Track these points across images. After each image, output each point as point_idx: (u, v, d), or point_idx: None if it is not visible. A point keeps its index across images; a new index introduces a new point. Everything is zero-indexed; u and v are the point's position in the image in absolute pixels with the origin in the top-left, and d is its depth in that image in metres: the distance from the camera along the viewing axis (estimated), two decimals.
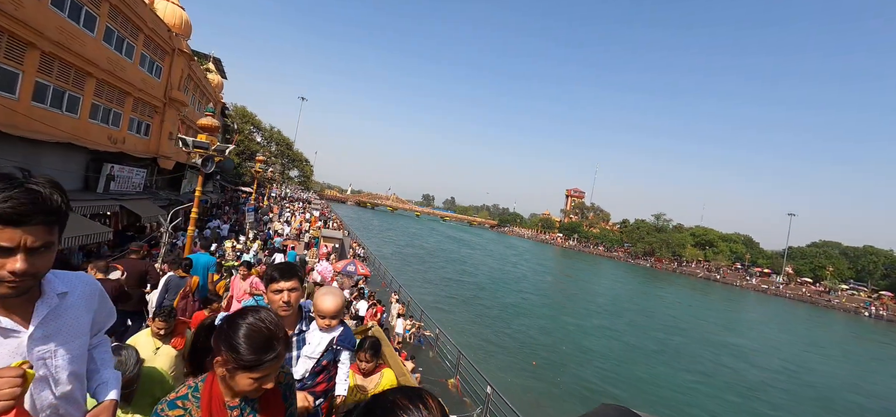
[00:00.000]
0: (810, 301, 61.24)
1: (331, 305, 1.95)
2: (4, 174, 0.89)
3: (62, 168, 11.28)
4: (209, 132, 7.85)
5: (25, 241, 0.86)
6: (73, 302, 1.08)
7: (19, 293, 0.91)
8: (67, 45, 10.22)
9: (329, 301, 1.96)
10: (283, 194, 51.01)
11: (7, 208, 0.83)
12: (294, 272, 1.88)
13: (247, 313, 1.15)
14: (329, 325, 1.96)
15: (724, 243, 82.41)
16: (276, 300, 1.82)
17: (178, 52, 16.80)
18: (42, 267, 0.93)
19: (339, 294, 2.01)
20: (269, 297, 1.86)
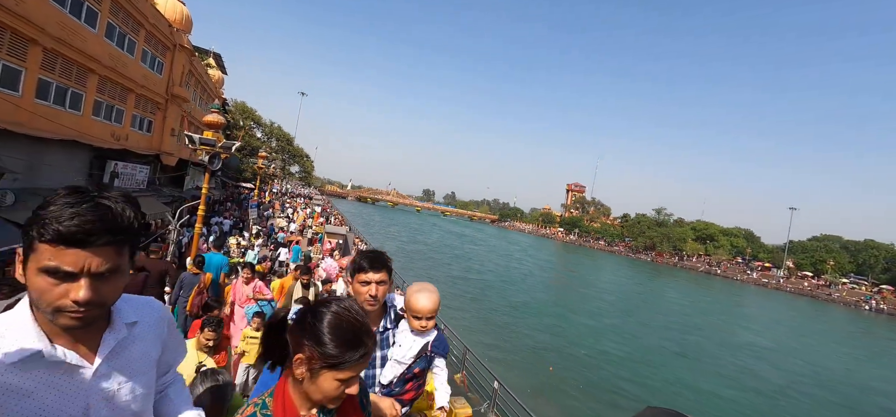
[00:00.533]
0: (811, 295, 61.35)
1: (428, 304, 1.72)
2: (74, 187, 0.80)
3: (66, 166, 11.25)
4: (215, 129, 7.80)
5: (90, 265, 0.76)
6: (142, 333, 0.97)
7: (84, 325, 0.81)
8: (69, 41, 10.15)
9: (425, 299, 1.73)
10: (284, 190, 50.99)
11: (72, 225, 0.73)
12: (383, 263, 1.69)
13: (331, 302, 1.02)
14: (424, 327, 1.74)
15: (724, 238, 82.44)
16: (363, 293, 1.65)
17: (179, 47, 16.71)
18: (109, 295, 0.82)
19: (436, 293, 1.78)
20: (355, 288, 1.70)
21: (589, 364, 14.70)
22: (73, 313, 0.77)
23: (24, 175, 9.30)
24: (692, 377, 15.24)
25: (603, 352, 16.24)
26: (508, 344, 15.30)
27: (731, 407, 13.22)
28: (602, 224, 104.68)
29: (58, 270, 0.74)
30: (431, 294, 1.76)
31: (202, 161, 7.51)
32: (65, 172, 11.21)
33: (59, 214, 0.74)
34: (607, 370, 14.41)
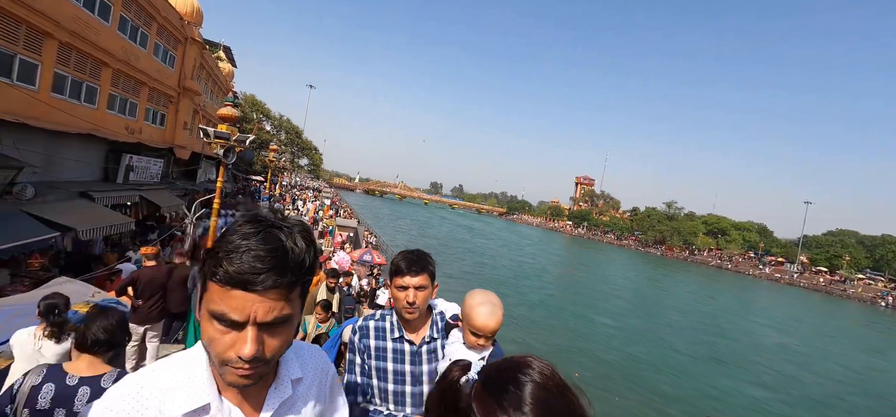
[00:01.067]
0: (825, 291, 60.23)
1: (492, 321, 1.42)
2: (253, 215, 0.71)
3: (82, 159, 11.36)
4: (229, 122, 7.75)
5: (256, 313, 0.65)
6: (305, 392, 0.87)
7: (250, 384, 0.71)
8: (83, 34, 10.17)
9: (489, 315, 1.42)
10: (294, 183, 51.30)
11: (238, 262, 0.64)
12: (424, 265, 1.51)
13: (523, 364, 0.68)
14: (483, 345, 1.43)
15: (736, 232, 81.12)
16: (400, 299, 1.50)
17: (190, 40, 16.71)
18: (278, 349, 0.72)
19: (500, 306, 1.48)
20: (393, 294, 1.55)
21: (619, 369, 13.72)
22: (239, 369, 0.68)
23: (42, 169, 9.39)
24: (734, 385, 14.23)
25: (632, 357, 15.27)
26: (529, 347, 14.63)
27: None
28: (611, 218, 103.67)
29: (224, 316, 0.65)
30: (496, 309, 1.46)
31: (216, 155, 7.47)
32: (82, 165, 11.32)
33: (231, 248, 0.65)
34: (641, 376, 13.47)
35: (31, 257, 7.67)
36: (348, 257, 11.42)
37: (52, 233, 7.97)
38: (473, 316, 1.45)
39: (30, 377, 1.61)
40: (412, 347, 1.56)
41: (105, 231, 9.61)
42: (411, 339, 1.56)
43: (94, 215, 9.71)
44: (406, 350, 1.56)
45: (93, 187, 11.09)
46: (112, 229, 9.99)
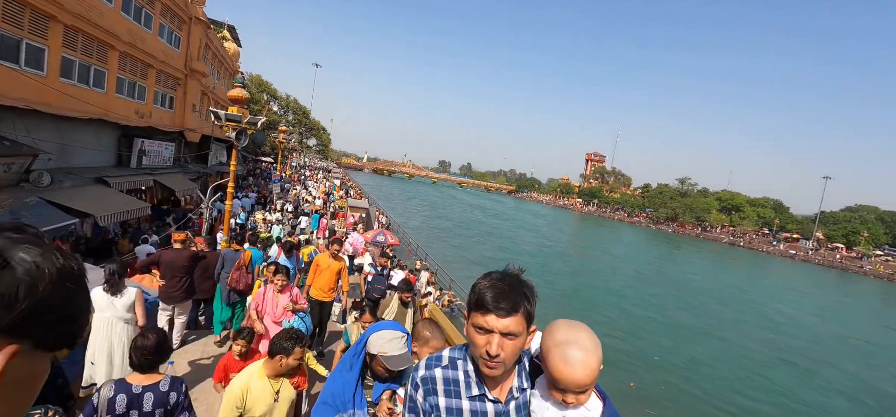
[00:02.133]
0: (840, 267, 59.15)
1: (579, 372, 1.03)
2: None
3: (95, 145, 11.36)
4: (239, 104, 7.59)
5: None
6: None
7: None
8: (87, 16, 9.96)
9: (577, 363, 1.03)
10: (302, 164, 51.39)
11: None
12: (517, 303, 1.07)
13: None
14: (571, 402, 1.07)
15: (751, 208, 79.43)
16: (480, 346, 1.09)
17: (194, 20, 16.38)
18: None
19: (595, 347, 1.07)
20: (469, 334, 1.14)
21: (682, 378, 11.96)
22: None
23: (56, 155, 9.41)
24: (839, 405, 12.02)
25: (691, 360, 13.48)
26: None
27: None
28: (622, 195, 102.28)
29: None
30: (589, 354, 1.03)
31: (228, 138, 7.35)
32: (95, 151, 11.33)
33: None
34: (712, 390, 11.42)
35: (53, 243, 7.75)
36: (362, 238, 11.39)
37: (72, 219, 8.03)
38: (556, 363, 1.04)
39: (104, 390, 2.01)
40: (497, 406, 1.15)
41: (122, 216, 9.69)
42: (495, 396, 1.16)
43: (111, 201, 9.77)
44: (489, 412, 1.15)
45: (107, 172, 11.14)
46: (129, 213, 10.07)
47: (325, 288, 5.60)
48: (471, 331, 1.13)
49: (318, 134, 57.56)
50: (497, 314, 1.07)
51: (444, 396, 1.17)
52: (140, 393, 2.02)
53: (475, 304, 1.12)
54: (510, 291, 1.09)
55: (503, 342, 1.07)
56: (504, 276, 1.14)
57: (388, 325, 1.86)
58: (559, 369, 1.04)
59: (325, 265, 5.62)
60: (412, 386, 1.21)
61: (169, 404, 2.08)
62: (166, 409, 2.07)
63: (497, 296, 1.07)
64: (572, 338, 1.06)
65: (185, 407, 2.16)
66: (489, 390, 1.16)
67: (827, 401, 12.25)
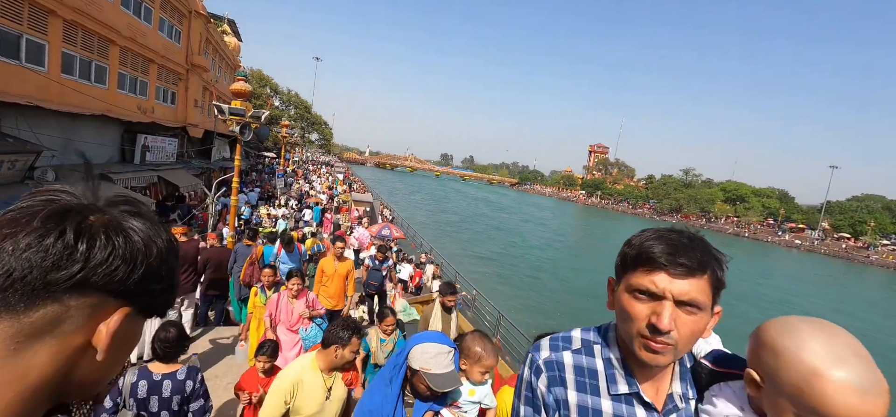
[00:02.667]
0: (846, 257, 58.72)
1: (868, 403, 0.62)
2: None
3: (98, 141, 11.29)
4: (243, 98, 7.49)
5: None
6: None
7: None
8: (86, 10, 9.86)
9: (863, 390, 0.63)
10: (305, 159, 51.34)
11: None
12: (704, 261, 0.76)
13: None
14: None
15: (756, 198, 78.81)
16: (640, 318, 0.78)
17: (194, 13, 16.23)
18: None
19: (874, 369, 0.66)
20: (622, 303, 0.82)
21: None
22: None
23: (60, 153, 9.35)
24: None
25: None
26: None
27: None
28: (625, 186, 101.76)
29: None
30: (875, 382, 0.64)
31: (233, 132, 7.26)
32: (98, 147, 11.28)
33: None
34: None
35: None
36: (367, 232, 11.32)
37: None
38: (828, 394, 0.63)
39: (127, 376, 2.17)
40: (652, 415, 0.82)
41: None
42: (650, 398, 0.83)
43: None
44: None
45: (111, 168, 11.08)
46: None
47: (335, 295, 5.13)
48: (624, 299, 0.80)
49: (320, 128, 57.41)
50: (673, 271, 0.74)
51: (577, 389, 0.84)
52: (160, 381, 2.20)
53: (634, 260, 0.79)
54: (692, 245, 0.76)
55: (678, 314, 0.74)
56: (676, 229, 0.81)
57: (433, 337, 1.63)
58: (845, 402, 0.62)
59: (331, 271, 5.14)
60: (532, 370, 0.89)
61: (185, 391, 2.24)
62: (183, 396, 2.23)
63: (673, 248, 0.75)
64: (850, 352, 0.66)
65: (200, 394, 2.30)
66: (643, 388, 0.83)
67: None
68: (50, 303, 0.40)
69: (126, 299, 0.46)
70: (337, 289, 5.15)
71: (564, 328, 0.97)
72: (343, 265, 5.22)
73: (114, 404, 2.13)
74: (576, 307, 16.20)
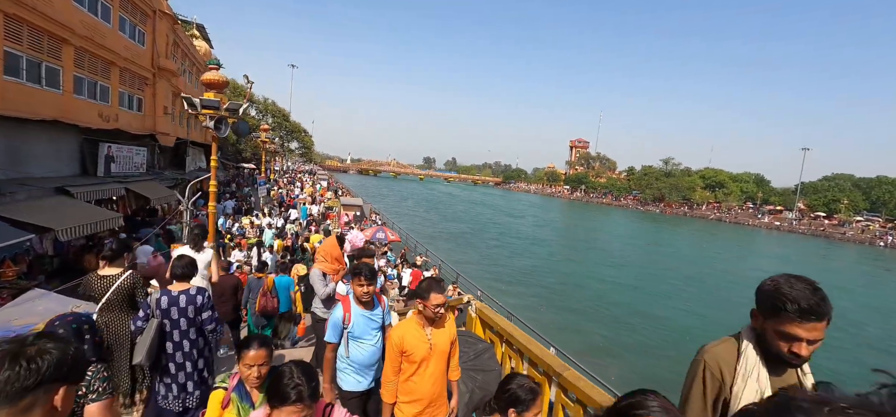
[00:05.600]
0: (824, 235, 60.86)
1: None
2: None
3: (53, 150, 10.12)
4: (216, 89, 6.60)
5: None
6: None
7: None
8: (31, 4, 8.73)
9: None
10: (285, 168, 49.68)
11: None
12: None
13: None
14: None
15: (734, 184, 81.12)
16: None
17: (159, 13, 15.06)
18: None
19: None
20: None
21: None
22: None
23: (5, 163, 8.20)
24: None
25: None
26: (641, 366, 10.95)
27: None
28: (608, 179, 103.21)
29: None
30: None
31: (207, 141, 6.36)
32: (52, 157, 10.09)
33: None
34: None
35: (3, 264, 6.63)
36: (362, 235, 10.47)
37: (26, 235, 6.90)
38: None
39: (154, 295, 2.81)
40: None
41: (90, 229, 8.54)
42: None
43: (76, 213, 8.61)
44: None
45: (70, 181, 9.92)
46: (98, 225, 8.92)
47: None
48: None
49: (299, 136, 55.83)
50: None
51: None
52: (177, 296, 2.79)
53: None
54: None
55: None
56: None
57: None
58: None
59: None
60: None
61: (197, 303, 2.82)
62: (195, 307, 2.81)
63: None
64: None
65: (209, 307, 2.90)
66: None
67: None
68: (28, 397, 0.90)
69: (63, 381, 0.96)
70: None
71: None
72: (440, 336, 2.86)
73: (145, 315, 2.78)
74: (599, 314, 14.82)
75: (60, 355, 0.93)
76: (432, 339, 2.32)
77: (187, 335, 2.80)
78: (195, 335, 2.84)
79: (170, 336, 2.76)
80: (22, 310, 3.84)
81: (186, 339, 2.80)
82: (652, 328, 14.12)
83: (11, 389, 0.86)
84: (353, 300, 2.67)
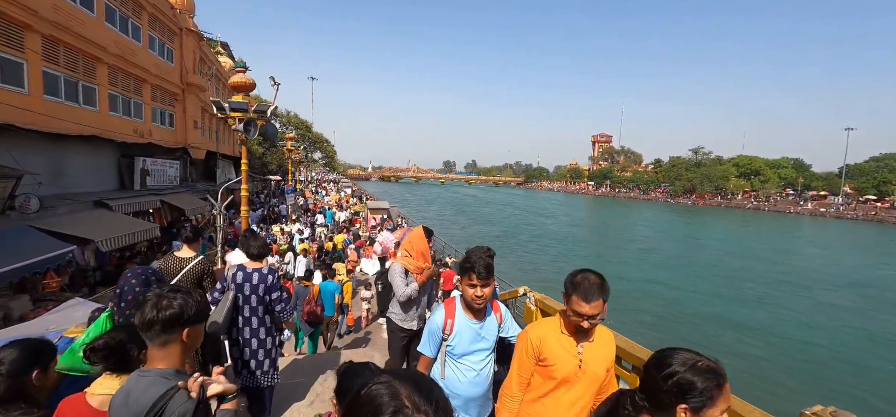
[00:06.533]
0: (877, 219, 56.34)
1: None
2: None
3: (93, 165, 10.41)
4: (244, 92, 6.49)
5: None
6: None
7: None
8: (67, 25, 9.01)
9: None
10: (310, 179, 50.69)
11: None
12: None
13: None
14: None
15: (771, 170, 76.56)
16: None
17: (186, 31, 15.49)
18: None
19: None
20: None
21: None
22: None
23: (48, 179, 8.41)
24: None
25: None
26: None
27: None
28: (634, 173, 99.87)
29: None
30: None
31: (237, 132, 6.23)
32: (93, 174, 10.38)
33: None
34: None
35: (46, 276, 6.72)
36: (392, 236, 10.23)
37: (67, 247, 6.99)
38: None
39: (231, 271, 2.99)
40: None
41: (128, 240, 8.66)
42: None
43: (115, 225, 8.75)
44: None
45: (109, 195, 10.16)
46: (136, 236, 9.05)
47: None
48: None
49: (322, 146, 56.87)
50: None
51: None
52: (250, 273, 2.94)
53: None
54: None
55: None
56: None
57: None
58: None
59: None
60: None
61: (267, 281, 2.94)
62: (266, 285, 2.93)
63: None
64: None
65: (278, 287, 2.99)
66: None
67: None
68: (165, 334, 1.19)
69: (189, 322, 1.22)
70: None
71: None
72: None
73: (222, 287, 2.97)
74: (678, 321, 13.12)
75: (185, 302, 1.21)
76: (584, 356, 1.66)
77: (256, 312, 2.89)
78: (263, 312, 2.92)
79: (240, 311, 2.86)
80: (60, 317, 3.77)
81: (255, 316, 2.89)
82: (774, 344, 11.58)
83: (154, 328, 1.17)
84: (459, 305, 1.99)
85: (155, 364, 1.18)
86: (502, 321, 2.09)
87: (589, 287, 1.52)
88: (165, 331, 1.17)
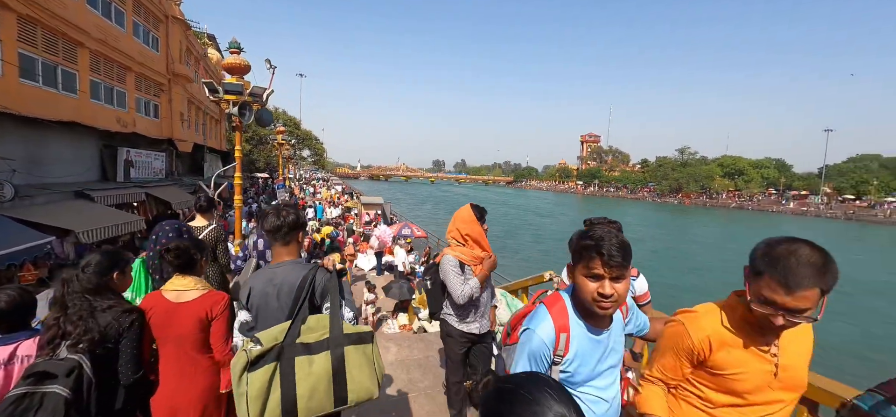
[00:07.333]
0: (855, 218, 58.29)
1: None
2: None
3: (74, 154, 9.89)
4: (238, 74, 6.16)
5: None
6: None
7: None
8: (45, 5, 8.50)
9: None
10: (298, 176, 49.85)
11: None
12: None
13: None
14: None
15: (754, 170, 78.61)
16: None
17: (172, 19, 14.92)
18: None
19: None
20: None
21: None
22: None
23: (24, 167, 7.92)
24: None
25: None
26: None
27: None
28: (622, 172, 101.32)
29: None
30: None
31: (231, 114, 5.92)
32: (73, 161, 9.85)
33: None
34: None
35: (23, 268, 6.29)
36: (390, 230, 10.01)
37: (46, 238, 6.57)
38: None
39: (250, 238, 3.44)
40: None
41: (111, 232, 8.22)
42: None
43: (96, 216, 8.31)
44: None
45: (91, 186, 9.67)
46: (120, 228, 8.61)
47: None
48: None
49: (311, 144, 56.04)
50: None
51: None
52: None
53: None
54: None
55: None
56: None
57: None
58: None
59: None
60: None
61: None
62: None
63: None
64: None
65: None
66: None
67: None
68: (290, 235, 1.68)
69: (302, 228, 1.74)
70: None
71: None
72: None
73: (245, 255, 3.47)
74: None
75: (297, 214, 1.66)
76: (780, 359, 1.11)
77: None
78: None
79: None
80: (40, 311, 3.48)
81: None
82: None
83: (281, 231, 1.61)
84: (571, 308, 1.23)
85: (282, 258, 1.61)
86: (628, 314, 1.42)
87: (797, 267, 0.96)
88: (291, 232, 1.61)
